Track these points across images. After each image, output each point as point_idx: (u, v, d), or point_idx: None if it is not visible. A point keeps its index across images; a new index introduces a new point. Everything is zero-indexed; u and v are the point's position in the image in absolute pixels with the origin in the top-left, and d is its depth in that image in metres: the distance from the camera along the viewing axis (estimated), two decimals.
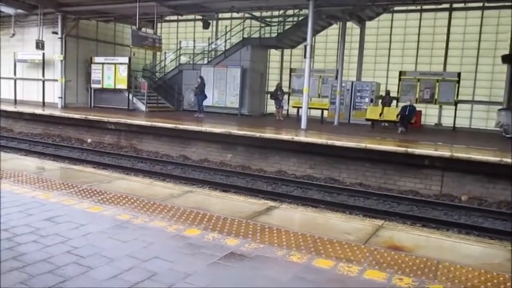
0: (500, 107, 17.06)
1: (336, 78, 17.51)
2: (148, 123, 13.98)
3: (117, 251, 3.01)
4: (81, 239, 3.22)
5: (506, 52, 16.70)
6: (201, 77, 18.53)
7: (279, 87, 18.71)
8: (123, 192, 4.65)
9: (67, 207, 3.99)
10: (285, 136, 11.83)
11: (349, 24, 17.88)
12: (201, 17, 19.92)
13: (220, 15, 22.80)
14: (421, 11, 19.81)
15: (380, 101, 18.02)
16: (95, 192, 4.61)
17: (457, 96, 17.36)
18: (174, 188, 5.54)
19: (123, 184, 5.31)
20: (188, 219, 3.82)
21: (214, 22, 23.34)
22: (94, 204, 4.15)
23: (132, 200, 4.34)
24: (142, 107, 20.22)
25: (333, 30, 19.97)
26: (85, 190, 4.66)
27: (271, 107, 21.72)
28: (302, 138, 11.60)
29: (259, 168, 11.74)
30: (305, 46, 14.32)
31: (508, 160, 8.98)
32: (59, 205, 4.05)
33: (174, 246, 3.19)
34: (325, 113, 17.65)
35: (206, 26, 19.60)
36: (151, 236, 3.38)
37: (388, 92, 17.99)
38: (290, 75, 20.55)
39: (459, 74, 17.34)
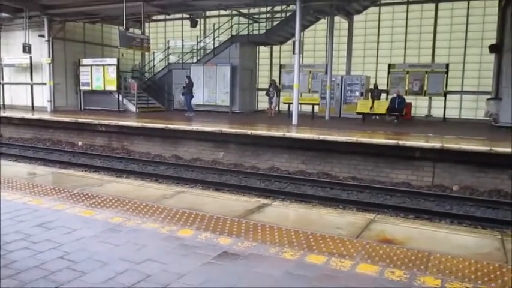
0: (489, 96, 17.23)
1: (326, 73, 17.57)
2: (139, 124, 13.93)
3: (110, 255, 3.00)
4: (73, 243, 3.21)
5: (493, 42, 16.83)
6: (188, 77, 18.51)
7: (271, 83, 18.75)
8: (115, 195, 4.63)
9: (59, 212, 3.98)
10: (276, 133, 11.84)
11: (337, 18, 17.93)
12: (188, 16, 19.84)
13: (207, 13, 22.74)
14: (408, 3, 19.95)
15: (369, 94, 18.12)
16: (87, 196, 4.59)
17: (446, 87, 17.51)
18: (166, 188, 5.53)
19: (114, 187, 5.29)
20: (181, 219, 3.82)
21: (202, 20, 23.28)
22: (86, 208, 4.13)
23: (124, 203, 4.33)
24: (133, 108, 20.13)
25: (321, 25, 20.00)
26: (76, 194, 4.64)
27: (262, 103, 21.76)
28: (293, 134, 11.63)
29: (252, 165, 11.76)
30: (294, 42, 14.33)
31: (498, 149, 9.08)
32: (51, 210, 4.03)
33: (167, 247, 3.20)
34: (316, 107, 17.72)
35: (194, 24, 19.52)
36: (144, 238, 3.37)
37: (376, 85, 18.10)
38: (280, 71, 20.57)
39: (447, 65, 17.49)
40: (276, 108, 19.50)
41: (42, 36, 19.21)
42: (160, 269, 2.77)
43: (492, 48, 16.58)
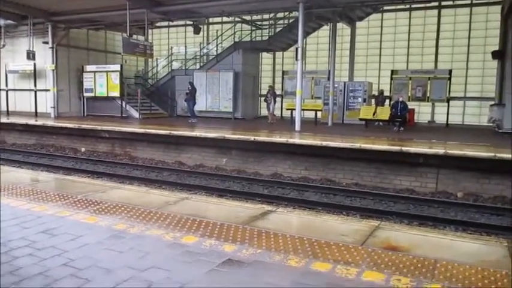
0: (492, 102, 17.19)
1: (328, 79, 17.57)
2: (142, 130, 13.95)
3: (114, 262, 2.99)
4: (77, 250, 3.20)
5: (496, 48, 16.82)
6: (191, 83, 18.52)
7: (269, 89, 18.78)
8: (118, 202, 4.63)
9: (63, 219, 3.97)
10: (279, 139, 11.83)
11: (339, 25, 17.95)
12: (191, 22, 19.93)
13: (210, 20, 22.84)
14: (411, 9, 19.97)
15: (374, 100, 18.12)
16: (90, 202, 4.58)
17: (449, 93, 17.48)
18: (169, 195, 5.52)
19: (118, 193, 5.28)
20: (185, 226, 3.81)
21: (205, 27, 23.38)
22: (90, 214, 4.12)
23: (128, 209, 4.32)
24: (136, 114, 20.17)
25: (324, 31, 20.04)
26: (80, 201, 4.64)
27: (264, 110, 21.77)
28: (296, 140, 11.61)
29: (255, 171, 11.75)
30: (296, 48, 14.37)
31: (502, 155, 9.04)
32: (55, 217, 4.02)
33: (171, 254, 3.18)
34: (319, 114, 17.70)
35: (197, 31, 19.61)
36: (148, 245, 3.36)
37: (381, 92, 18.08)
38: (282, 77, 20.60)
39: (450, 71, 17.46)
40: (277, 114, 19.50)
41: (46, 43, 19.33)
42: (165, 277, 2.76)
43: (495, 55, 16.57)
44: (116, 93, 20.08)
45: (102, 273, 2.79)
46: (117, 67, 20.30)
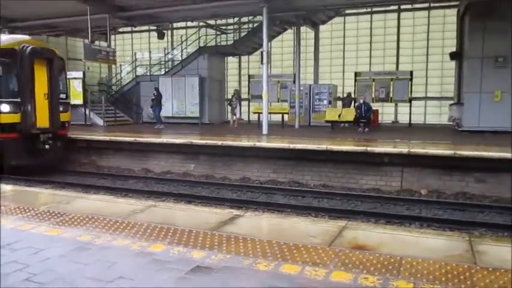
0: (451, 102, 17.81)
1: (294, 82, 17.75)
2: (107, 138, 13.65)
3: (79, 275, 2.90)
4: (40, 264, 3.09)
5: (453, 49, 17.45)
6: (156, 89, 18.32)
7: (234, 93, 18.77)
8: (83, 212, 4.50)
9: (24, 232, 3.83)
10: (246, 143, 11.84)
11: (303, 28, 18.20)
12: (155, 28, 19.72)
13: (175, 25, 22.66)
14: (372, 13, 20.46)
15: (341, 102, 18.46)
16: (53, 214, 4.44)
17: (411, 94, 17.99)
18: (136, 203, 5.41)
19: (83, 203, 5.15)
20: (152, 234, 3.75)
21: (169, 32, 23.19)
22: (53, 227, 3.99)
23: (93, 220, 4.21)
24: (100, 122, 19.73)
25: (288, 35, 20.27)
26: (43, 213, 4.49)
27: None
28: (264, 143, 11.66)
29: (223, 176, 11.70)
30: (261, 52, 14.44)
31: (462, 152, 9.38)
32: (15, 230, 3.88)
33: (138, 263, 3.12)
34: (286, 117, 17.84)
35: (161, 36, 19.43)
36: (115, 255, 3.28)
37: (349, 94, 18.44)
38: (249, 81, 20.66)
39: (411, 73, 17.98)
40: (244, 118, 19.54)
41: None
42: (132, 286, 2.70)
43: (453, 56, 17.19)
44: (79, 100, 19.54)
45: (67, 287, 2.70)
46: (80, 74, 19.78)
